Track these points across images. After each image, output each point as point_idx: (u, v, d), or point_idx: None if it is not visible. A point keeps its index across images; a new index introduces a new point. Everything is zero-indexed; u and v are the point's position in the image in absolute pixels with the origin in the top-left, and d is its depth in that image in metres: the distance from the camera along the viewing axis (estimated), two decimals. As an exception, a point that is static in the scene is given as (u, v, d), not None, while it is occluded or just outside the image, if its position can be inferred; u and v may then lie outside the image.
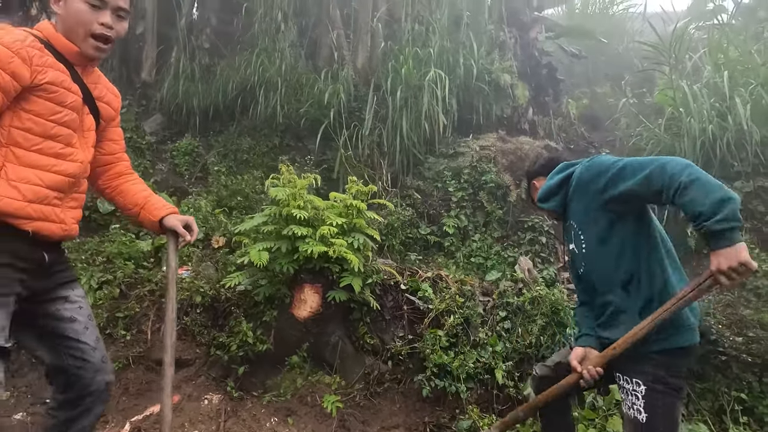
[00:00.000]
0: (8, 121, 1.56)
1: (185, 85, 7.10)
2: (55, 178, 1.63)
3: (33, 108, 1.58)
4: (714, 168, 5.18)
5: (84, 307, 1.79)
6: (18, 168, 1.56)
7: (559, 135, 6.83)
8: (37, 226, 1.60)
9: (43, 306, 1.70)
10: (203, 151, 6.90)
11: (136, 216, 2.01)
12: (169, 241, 2.00)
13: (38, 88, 1.57)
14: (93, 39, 1.65)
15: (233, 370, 3.34)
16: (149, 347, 3.39)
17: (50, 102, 1.60)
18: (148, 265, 3.89)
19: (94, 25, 1.63)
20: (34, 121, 1.58)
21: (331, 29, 7.27)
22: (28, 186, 1.57)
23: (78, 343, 1.73)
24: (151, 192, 2.04)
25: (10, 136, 1.55)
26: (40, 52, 1.58)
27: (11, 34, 1.55)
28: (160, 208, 1.98)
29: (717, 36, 6.24)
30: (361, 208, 3.61)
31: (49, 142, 1.62)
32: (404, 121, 5.96)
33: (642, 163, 1.80)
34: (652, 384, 1.84)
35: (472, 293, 3.80)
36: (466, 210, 5.49)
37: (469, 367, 3.39)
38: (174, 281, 1.96)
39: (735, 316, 3.49)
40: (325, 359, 3.55)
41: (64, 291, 1.75)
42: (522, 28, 7.38)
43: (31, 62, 1.54)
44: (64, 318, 1.72)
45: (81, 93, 1.70)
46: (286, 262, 3.41)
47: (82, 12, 1.62)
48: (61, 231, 1.70)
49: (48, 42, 1.63)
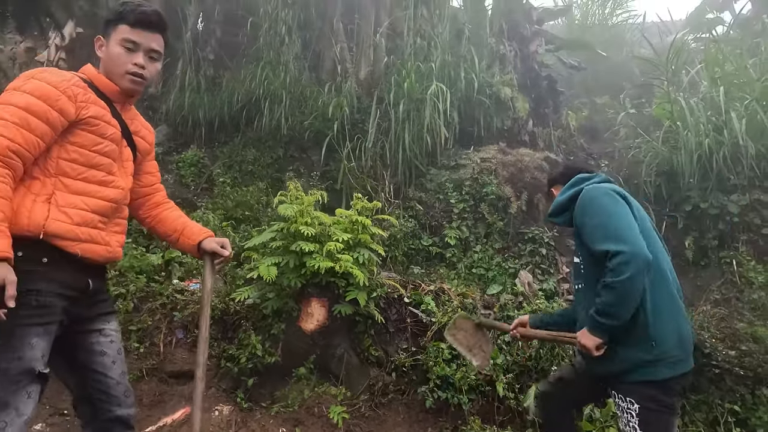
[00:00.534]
0: (56, 153, 1.70)
1: (191, 97, 7.23)
2: (99, 203, 1.77)
3: (77, 140, 1.72)
4: (711, 181, 5.31)
5: (115, 342, 1.89)
6: (66, 195, 1.70)
7: (559, 146, 6.95)
8: (84, 247, 1.72)
9: (79, 336, 1.80)
10: (208, 162, 7.01)
11: (175, 242, 2.13)
12: (205, 263, 2.09)
13: (82, 122, 1.71)
14: (129, 75, 1.81)
15: (243, 382, 3.44)
16: (162, 359, 3.49)
17: (92, 134, 1.74)
18: (159, 278, 4.01)
19: (128, 65, 1.80)
20: (78, 152, 1.72)
21: (334, 43, 7.41)
22: (75, 210, 1.70)
23: (104, 377, 1.82)
24: (187, 218, 2.17)
25: (58, 167, 1.70)
26: (84, 90, 1.73)
27: (58, 75, 1.71)
28: (198, 233, 2.11)
29: (713, 50, 6.35)
30: (366, 224, 3.72)
31: (93, 171, 1.76)
32: (407, 133, 6.07)
33: (606, 237, 1.90)
34: (645, 403, 1.90)
35: (474, 306, 3.91)
36: (467, 221, 5.60)
37: (470, 379, 3.49)
38: (209, 302, 2.05)
39: (728, 329, 3.60)
40: (331, 371, 3.65)
41: (101, 324, 1.85)
42: (522, 41, 7.51)
43: (75, 99, 1.69)
44: (95, 351, 1.82)
45: (120, 127, 1.85)
46: (294, 277, 3.52)
47: (119, 55, 1.80)
48: (106, 252, 1.81)
49: (91, 82, 1.79)
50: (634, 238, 1.86)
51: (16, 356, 1.56)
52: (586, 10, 10.64)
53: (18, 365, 1.57)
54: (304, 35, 7.73)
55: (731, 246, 5.02)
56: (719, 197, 5.21)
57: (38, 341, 1.61)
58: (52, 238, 1.65)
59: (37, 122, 1.61)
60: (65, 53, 6.90)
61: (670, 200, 5.70)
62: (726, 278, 4.78)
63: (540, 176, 5.98)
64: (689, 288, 4.93)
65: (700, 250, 5.19)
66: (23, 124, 1.59)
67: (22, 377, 1.57)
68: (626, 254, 1.82)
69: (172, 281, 4.01)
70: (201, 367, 2.09)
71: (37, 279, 1.61)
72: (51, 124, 1.64)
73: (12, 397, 1.56)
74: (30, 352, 1.59)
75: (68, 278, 1.71)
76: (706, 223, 5.24)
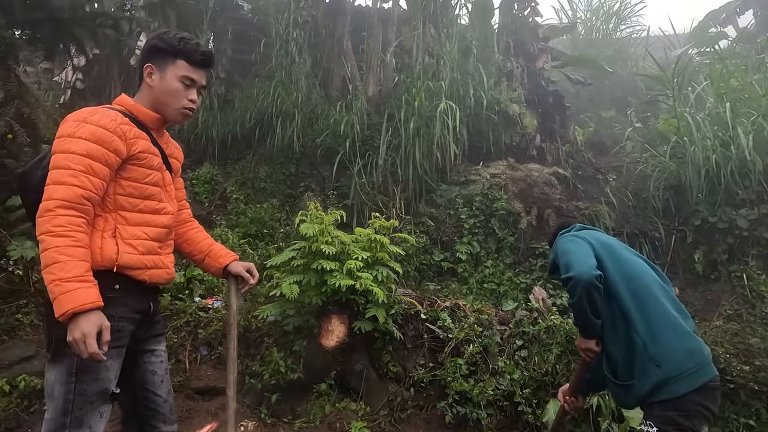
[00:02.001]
0: (112, 189, 1.79)
1: (204, 115, 7.36)
2: (157, 231, 1.87)
3: (131, 175, 1.81)
4: (719, 195, 5.38)
5: (164, 361, 2.00)
6: (128, 228, 1.80)
7: (567, 161, 7.04)
8: (150, 274, 1.84)
9: (135, 356, 1.89)
10: (221, 180, 7.13)
11: (200, 262, 2.21)
12: (230, 285, 2.17)
13: (133, 158, 1.80)
14: (183, 110, 1.91)
15: (266, 398, 3.52)
16: (188, 376, 3.58)
17: (143, 167, 1.84)
18: (183, 296, 4.10)
19: (185, 101, 1.90)
20: (132, 186, 1.82)
21: (344, 61, 7.55)
22: (139, 241, 1.81)
23: (154, 396, 1.92)
24: (212, 240, 2.25)
25: (116, 202, 1.80)
26: (130, 127, 1.81)
27: (106, 115, 1.78)
28: (224, 256, 2.18)
29: (719, 66, 6.45)
30: (384, 243, 3.81)
31: (147, 202, 1.86)
32: (417, 149, 6.18)
33: (563, 269, 2.13)
34: (663, 426, 1.92)
35: (490, 322, 3.98)
36: (478, 237, 5.68)
37: (488, 394, 3.56)
38: (235, 323, 2.15)
39: (742, 345, 3.65)
40: (351, 386, 3.73)
41: (154, 344, 1.96)
42: (529, 58, 7.64)
43: (125, 138, 1.78)
44: (147, 371, 1.92)
45: (159, 154, 1.94)
46: (315, 294, 3.61)
47: (178, 91, 1.88)
48: (166, 275, 1.93)
49: (130, 113, 1.87)
50: (579, 265, 2.05)
51: (93, 378, 1.67)
52: (590, 26, 10.78)
53: (95, 386, 1.68)
54: (314, 54, 7.87)
55: (741, 260, 5.07)
56: (728, 211, 5.28)
57: (112, 363, 1.72)
58: (125, 270, 1.77)
59: (99, 166, 1.70)
60: (82, 74, 7.06)
61: (679, 214, 5.77)
62: (737, 292, 4.83)
63: (549, 191, 6.08)
64: (700, 302, 4.99)
65: (710, 264, 5.25)
66: (88, 170, 1.68)
67: (97, 397, 1.69)
68: (573, 278, 2.03)
69: (194, 299, 4.10)
70: (231, 387, 2.17)
71: (112, 306, 1.71)
72: (109, 165, 1.73)
73: (87, 416, 1.67)
74: (105, 373, 1.70)
75: (136, 303, 1.82)
76: (716, 237, 5.30)
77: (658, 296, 2.08)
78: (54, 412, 1.66)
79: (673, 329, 2.01)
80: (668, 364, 1.94)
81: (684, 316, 2.10)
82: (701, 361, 1.99)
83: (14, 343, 3.59)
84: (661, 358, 1.95)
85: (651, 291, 2.09)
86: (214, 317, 3.87)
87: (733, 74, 6.35)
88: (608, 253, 2.17)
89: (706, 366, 1.99)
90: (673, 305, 2.09)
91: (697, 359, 1.98)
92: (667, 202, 5.85)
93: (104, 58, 7.00)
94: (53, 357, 1.69)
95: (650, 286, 2.10)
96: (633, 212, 6.02)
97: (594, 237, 2.28)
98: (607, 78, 9.03)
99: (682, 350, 1.97)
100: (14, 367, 3.45)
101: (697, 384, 1.93)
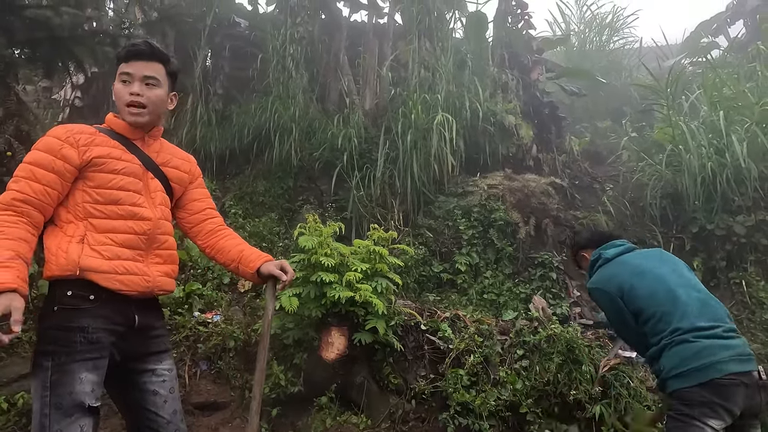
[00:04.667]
0: (80, 198, 1.83)
1: (202, 131, 7.40)
2: (126, 237, 1.86)
3: (94, 182, 1.85)
4: (716, 203, 5.41)
5: (167, 381, 1.93)
6: (95, 235, 1.81)
7: (563, 171, 7.07)
8: (121, 279, 1.81)
9: (133, 375, 1.87)
10: (220, 194, 7.14)
11: (236, 270, 2.15)
12: (267, 288, 2.10)
13: (90, 164, 1.84)
14: (128, 107, 1.93)
15: (266, 412, 3.49)
16: (188, 391, 3.55)
17: (103, 172, 1.86)
18: (182, 311, 4.08)
19: (126, 97, 1.93)
20: (98, 192, 1.84)
21: (341, 75, 7.62)
22: (105, 247, 1.81)
23: (155, 416, 1.87)
24: (245, 245, 2.18)
25: (85, 210, 1.83)
26: (89, 135, 1.87)
27: (66, 128, 1.87)
28: (255, 260, 2.10)
29: (711, 75, 6.53)
30: (383, 254, 3.82)
31: (113, 207, 1.86)
32: (414, 162, 6.21)
33: None
34: (669, 412, 2.22)
35: (490, 332, 3.97)
36: (477, 247, 5.68)
37: (490, 405, 3.54)
38: (268, 332, 2.06)
39: (743, 350, 3.64)
40: (352, 399, 3.71)
41: (153, 363, 1.91)
42: (523, 70, 7.71)
43: (77, 145, 1.83)
44: (147, 391, 1.88)
45: (140, 160, 1.95)
46: (315, 307, 3.61)
47: (119, 89, 1.94)
48: (144, 282, 1.87)
49: (109, 128, 1.95)
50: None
51: (67, 391, 1.66)
52: (583, 38, 10.89)
53: (70, 399, 1.66)
54: (311, 69, 7.94)
55: (740, 267, 5.09)
56: (725, 218, 5.30)
57: (87, 375, 1.70)
58: (89, 273, 1.76)
59: (43, 172, 1.78)
60: (81, 92, 7.11)
61: (677, 222, 5.79)
62: (736, 299, 4.84)
63: (547, 201, 6.10)
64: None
65: (709, 271, 5.26)
66: (29, 176, 1.77)
67: (74, 411, 1.66)
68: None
69: (194, 313, 4.09)
70: (257, 399, 2.02)
71: (84, 316, 1.72)
72: (57, 171, 1.79)
73: (66, 430, 1.64)
74: (80, 386, 1.68)
75: (113, 314, 1.80)
76: (714, 245, 5.32)
77: (669, 309, 2.29)
78: (34, 428, 1.66)
79: (679, 341, 2.22)
80: (668, 368, 2.22)
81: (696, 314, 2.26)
82: (707, 363, 2.14)
83: (12, 360, 3.57)
84: (665, 364, 2.23)
85: (664, 316, 2.29)
86: (213, 332, 3.85)
87: (726, 83, 6.42)
88: (639, 281, 2.39)
89: (715, 366, 2.12)
90: (680, 310, 2.28)
91: (704, 359, 2.14)
92: (665, 210, 5.88)
93: (103, 75, 7.04)
94: (32, 371, 1.72)
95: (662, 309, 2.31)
96: (630, 221, 6.05)
97: (626, 270, 2.49)
98: (601, 89, 9.11)
99: (686, 354, 2.18)
100: (12, 385, 3.43)
101: (685, 384, 2.15)
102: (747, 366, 2.14)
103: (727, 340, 2.19)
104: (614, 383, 3.58)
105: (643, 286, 2.36)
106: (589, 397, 3.54)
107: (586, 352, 3.71)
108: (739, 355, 2.15)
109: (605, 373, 3.63)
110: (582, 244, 2.92)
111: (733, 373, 2.09)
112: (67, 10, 4.13)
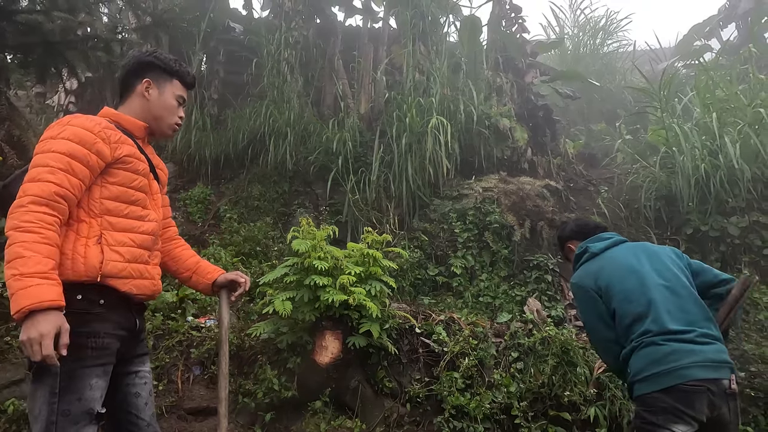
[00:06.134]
0: (98, 194, 1.77)
1: (197, 136, 7.38)
2: (142, 238, 1.85)
3: (117, 179, 1.81)
4: (710, 204, 5.42)
5: (148, 383, 1.93)
6: (114, 234, 1.77)
7: (558, 174, 7.09)
8: (135, 284, 1.80)
9: (118, 378, 1.83)
10: (215, 199, 7.12)
11: (188, 280, 2.19)
12: (221, 299, 2.15)
13: (118, 162, 1.80)
14: (175, 125, 2.02)
15: (260, 417, 3.47)
16: (180, 396, 3.52)
17: (128, 171, 1.83)
18: (175, 316, 4.06)
19: (176, 118, 2.01)
20: (119, 189, 1.81)
21: (335, 79, 7.62)
22: (125, 248, 1.78)
23: (137, 419, 1.86)
24: (199, 257, 2.24)
25: (102, 206, 1.77)
26: (114, 131, 1.82)
27: (90, 119, 1.79)
28: (213, 272, 2.18)
29: (704, 78, 6.56)
30: (377, 257, 3.80)
31: (132, 207, 1.84)
32: (409, 165, 6.21)
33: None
34: (634, 418, 2.18)
35: (485, 335, 3.96)
36: (472, 250, 5.67)
37: (485, 408, 3.52)
38: (227, 339, 2.11)
39: (737, 351, 3.65)
40: (347, 403, 3.68)
41: (137, 366, 1.90)
42: (518, 73, 7.74)
43: (109, 141, 1.78)
44: (130, 393, 1.86)
45: (146, 161, 1.94)
46: (308, 311, 3.59)
47: (173, 108, 1.99)
48: (152, 286, 1.89)
49: (115, 122, 1.89)
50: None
51: (77, 397, 1.61)
52: (577, 42, 10.95)
53: (79, 406, 1.62)
54: (306, 73, 7.96)
55: (734, 267, 5.09)
56: (719, 220, 5.32)
57: (97, 381, 1.67)
58: (109, 279, 1.72)
59: (80, 166, 1.68)
60: (74, 97, 7.10)
61: (671, 223, 5.80)
62: (731, 300, 4.84)
63: (542, 204, 6.10)
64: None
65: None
66: (67, 169, 1.66)
67: (81, 418, 1.62)
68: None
69: (187, 318, 4.07)
70: (223, 403, 2.13)
71: (96, 321, 1.69)
72: (91, 168, 1.72)
73: None
74: (89, 392, 1.64)
75: (122, 319, 1.78)
76: (708, 246, 5.33)
77: (642, 314, 2.20)
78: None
79: (648, 344, 2.13)
80: (633, 371, 2.15)
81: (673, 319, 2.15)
82: (670, 369, 2.04)
83: (3, 367, 3.53)
84: (632, 367, 2.16)
85: (636, 325, 2.20)
86: (206, 336, 3.83)
87: (719, 85, 6.45)
88: (619, 279, 2.29)
89: (675, 372, 2.03)
90: (653, 315, 2.18)
91: (666, 365, 2.05)
92: (659, 211, 5.89)
93: (96, 80, 7.04)
94: (35, 376, 1.62)
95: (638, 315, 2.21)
96: (625, 223, 6.05)
97: (609, 267, 2.36)
98: (595, 92, 9.15)
99: (651, 359, 2.11)
100: (3, 391, 3.38)
101: (646, 390, 2.08)
102: (714, 373, 2.01)
103: (699, 345, 2.05)
104: (609, 385, 3.58)
105: (621, 285, 2.26)
106: (583, 398, 3.53)
107: (581, 354, 3.70)
108: (708, 361, 2.03)
109: (600, 374, 3.62)
110: (567, 235, 2.78)
111: (698, 380, 1.98)
112: (59, 15, 4.12)
